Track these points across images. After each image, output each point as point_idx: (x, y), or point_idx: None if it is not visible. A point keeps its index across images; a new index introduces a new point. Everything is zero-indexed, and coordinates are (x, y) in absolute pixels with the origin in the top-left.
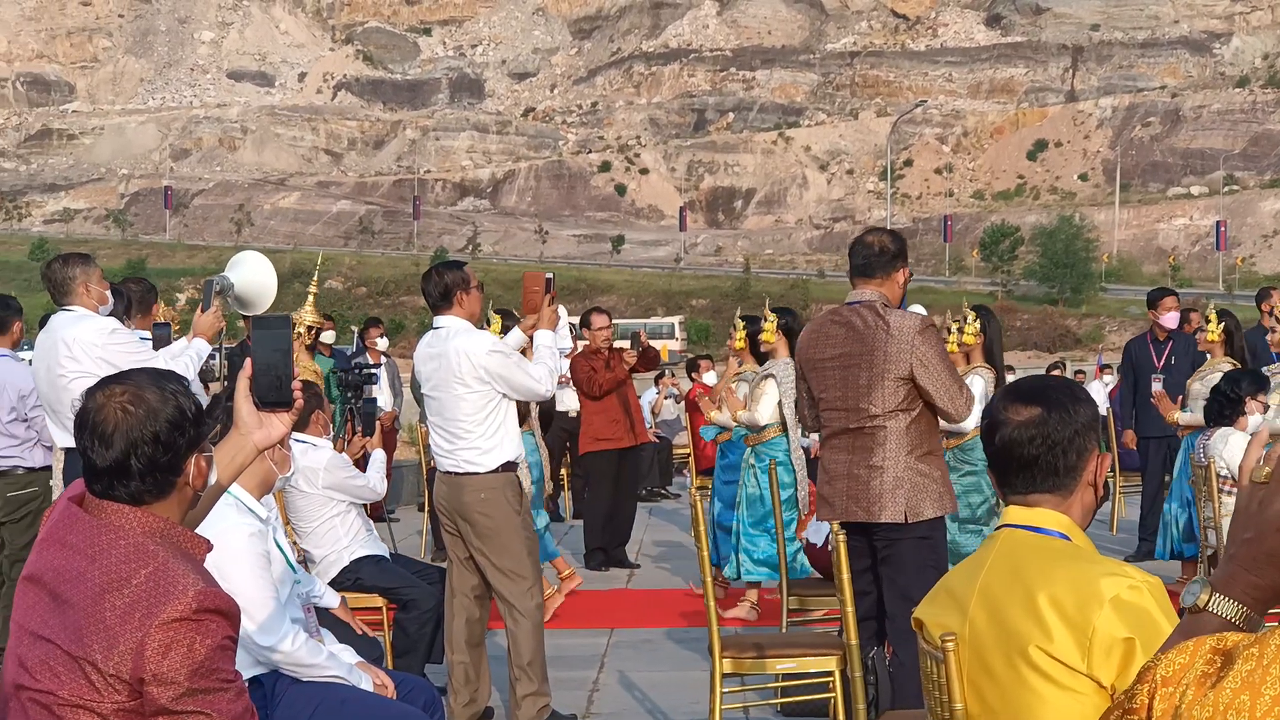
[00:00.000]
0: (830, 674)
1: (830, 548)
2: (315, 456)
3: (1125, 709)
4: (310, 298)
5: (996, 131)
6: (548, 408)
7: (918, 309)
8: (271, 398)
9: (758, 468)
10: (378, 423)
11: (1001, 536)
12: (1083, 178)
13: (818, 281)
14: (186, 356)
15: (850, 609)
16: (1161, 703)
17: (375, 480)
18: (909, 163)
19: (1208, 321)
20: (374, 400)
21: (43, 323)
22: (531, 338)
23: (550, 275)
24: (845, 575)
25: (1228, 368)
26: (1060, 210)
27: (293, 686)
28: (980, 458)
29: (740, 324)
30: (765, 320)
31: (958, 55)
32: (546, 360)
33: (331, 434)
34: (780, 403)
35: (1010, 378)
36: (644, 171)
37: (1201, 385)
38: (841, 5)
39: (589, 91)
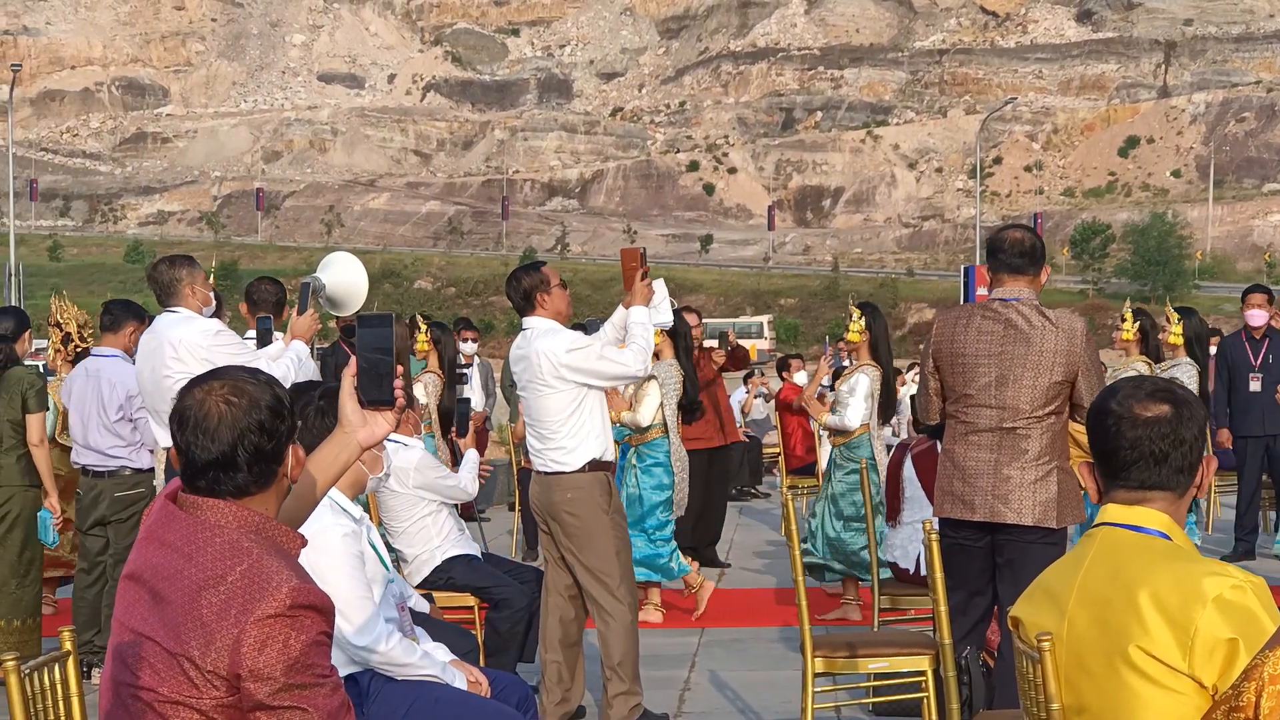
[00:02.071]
0: (923, 673)
1: (916, 570)
2: (406, 456)
3: (1231, 706)
4: None
5: (1087, 128)
6: (448, 406)
7: None
8: (373, 395)
9: (639, 468)
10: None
11: (1100, 535)
12: (1175, 174)
13: (907, 280)
14: (286, 359)
15: (943, 608)
16: (1270, 700)
17: (467, 481)
18: (998, 160)
19: None
20: (468, 400)
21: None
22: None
23: (644, 249)
24: (939, 574)
25: (1142, 367)
26: (1152, 207)
27: (387, 685)
28: (865, 455)
29: None
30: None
31: (1048, 52)
32: (638, 339)
33: (423, 434)
34: (662, 404)
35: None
36: (732, 171)
37: None
38: (930, 3)
39: (677, 91)
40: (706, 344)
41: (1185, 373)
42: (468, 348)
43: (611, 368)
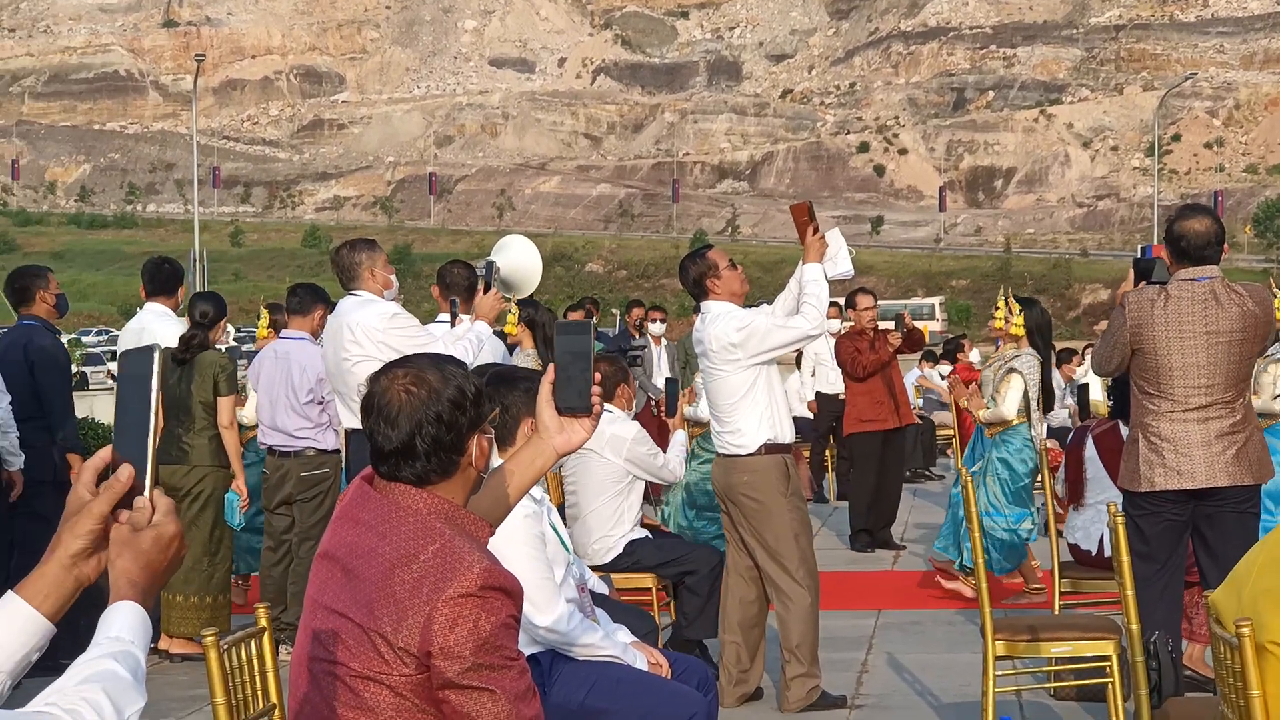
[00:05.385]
0: (1107, 658)
1: (1091, 550)
2: (624, 427)
3: None
4: None
5: (1272, 103)
6: None
7: None
8: (571, 403)
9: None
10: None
11: None
12: None
13: (1081, 261)
14: (467, 340)
15: (1130, 592)
16: None
17: (675, 462)
18: (1176, 138)
19: None
20: (676, 381)
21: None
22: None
23: (809, 202)
24: (1125, 558)
25: (1031, 359)
26: None
27: (568, 665)
28: None
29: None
30: (509, 313)
31: (1230, 25)
32: (812, 298)
33: (633, 412)
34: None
35: None
36: (903, 152)
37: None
38: None
39: (847, 72)
40: (881, 325)
41: (1027, 364)
42: (655, 328)
43: (785, 335)
